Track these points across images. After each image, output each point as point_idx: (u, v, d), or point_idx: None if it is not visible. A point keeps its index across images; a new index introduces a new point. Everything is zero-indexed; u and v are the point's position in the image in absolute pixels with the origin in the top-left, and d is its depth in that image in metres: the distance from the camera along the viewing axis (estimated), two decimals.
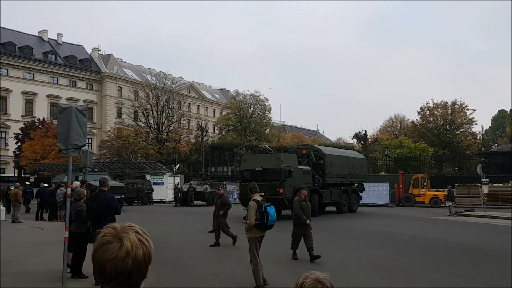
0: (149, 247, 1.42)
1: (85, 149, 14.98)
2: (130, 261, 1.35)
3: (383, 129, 67.23)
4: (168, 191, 37.73)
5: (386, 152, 46.69)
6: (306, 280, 1.77)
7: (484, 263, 10.47)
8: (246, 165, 22.07)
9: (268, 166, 20.88)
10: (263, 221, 7.39)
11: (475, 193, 30.91)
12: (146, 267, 1.41)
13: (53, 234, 13.96)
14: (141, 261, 1.38)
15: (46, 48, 64.31)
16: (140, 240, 1.40)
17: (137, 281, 1.39)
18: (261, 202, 7.56)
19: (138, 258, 1.37)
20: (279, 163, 20.57)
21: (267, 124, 69.87)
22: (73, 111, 7.69)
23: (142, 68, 73.83)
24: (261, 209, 7.44)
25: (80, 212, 8.31)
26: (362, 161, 29.20)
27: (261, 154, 22.97)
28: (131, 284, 1.38)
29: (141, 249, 1.38)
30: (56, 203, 19.44)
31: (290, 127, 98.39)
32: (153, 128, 55.06)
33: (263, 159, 21.84)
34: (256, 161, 22.00)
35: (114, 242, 1.37)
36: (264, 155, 22.57)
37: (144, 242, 1.41)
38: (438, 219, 22.00)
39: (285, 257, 10.60)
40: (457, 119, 54.54)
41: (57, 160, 40.21)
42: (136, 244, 1.37)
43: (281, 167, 20.32)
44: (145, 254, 1.39)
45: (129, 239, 1.37)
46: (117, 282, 1.36)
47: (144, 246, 1.40)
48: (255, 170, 21.08)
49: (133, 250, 1.36)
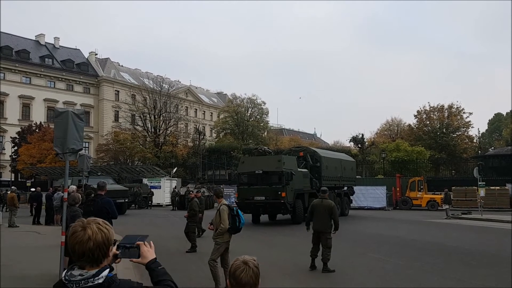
0: (108, 234, 1.98)
1: (82, 153, 14.95)
2: (92, 243, 1.91)
3: (380, 132, 67.33)
4: (166, 195, 37.70)
5: (383, 155, 46.76)
6: (235, 262, 2.19)
7: (481, 266, 10.49)
8: (244, 168, 20.91)
9: (269, 168, 19.77)
10: (235, 224, 7.55)
11: (472, 196, 31.01)
12: (106, 248, 1.97)
13: (49, 238, 13.92)
14: (100, 243, 1.94)
15: (43, 52, 64.29)
16: (99, 228, 1.96)
17: (99, 257, 1.94)
18: (231, 206, 7.75)
19: (97, 241, 1.93)
20: (281, 166, 19.54)
21: (265, 127, 69.89)
22: (70, 115, 7.68)
23: (140, 72, 73.83)
24: (233, 212, 7.60)
25: (74, 217, 8.29)
26: (352, 163, 28.88)
27: (260, 156, 21.66)
28: (94, 260, 1.93)
29: (100, 234, 1.94)
30: (53, 207, 19.40)
31: (288, 130, 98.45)
32: (150, 131, 55.04)
33: (262, 162, 20.53)
34: (255, 163, 20.63)
35: (80, 230, 1.94)
36: (264, 157, 21.27)
37: (103, 230, 1.97)
38: (435, 222, 22.04)
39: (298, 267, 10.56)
40: (454, 122, 54.72)
41: (54, 164, 40.09)
42: (95, 231, 1.94)
43: (283, 170, 19.37)
44: (103, 238, 1.95)
45: (90, 228, 1.94)
46: (84, 259, 1.93)
47: (103, 233, 1.95)
48: (255, 173, 19.97)
49: (93, 235, 1.92)
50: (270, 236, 16.31)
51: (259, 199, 19.78)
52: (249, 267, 2.15)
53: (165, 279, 2.18)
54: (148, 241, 2.27)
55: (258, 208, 20.40)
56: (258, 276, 2.17)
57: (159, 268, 2.21)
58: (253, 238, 15.13)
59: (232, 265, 2.19)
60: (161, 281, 2.16)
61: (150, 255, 2.22)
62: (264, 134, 69.67)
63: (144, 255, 2.20)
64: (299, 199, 20.18)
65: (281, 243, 14.52)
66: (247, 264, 2.16)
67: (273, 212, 21.38)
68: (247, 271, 2.14)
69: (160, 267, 2.22)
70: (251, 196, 19.97)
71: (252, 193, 19.95)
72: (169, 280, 2.18)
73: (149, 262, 2.20)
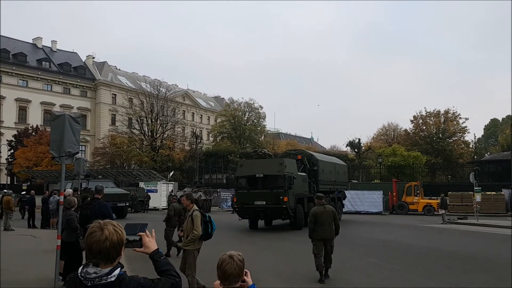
0: (122, 235, 2.16)
1: (78, 157, 14.92)
2: (108, 243, 2.08)
3: (377, 137, 67.50)
4: (162, 199, 37.54)
5: (380, 160, 46.87)
6: (222, 256, 2.55)
7: (478, 271, 10.50)
8: (243, 171, 19.99)
9: (270, 172, 18.88)
10: (207, 231, 7.29)
11: (468, 201, 31.05)
12: (120, 248, 2.14)
13: (45, 242, 13.85)
14: (116, 243, 2.11)
15: (40, 55, 64.20)
16: (115, 230, 2.13)
17: (113, 256, 2.11)
18: (203, 212, 7.51)
19: (113, 241, 2.10)
20: (283, 169, 18.66)
21: (262, 131, 69.98)
22: (67, 119, 7.67)
23: (137, 76, 73.82)
24: (206, 218, 7.34)
25: (69, 221, 8.26)
26: (344, 167, 28.61)
27: (260, 159, 20.72)
28: (109, 258, 2.10)
29: (115, 235, 2.11)
30: (49, 210, 19.34)
31: (285, 134, 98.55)
32: (147, 135, 54.95)
33: (263, 165, 19.59)
34: (254, 166, 19.67)
35: (98, 231, 2.11)
36: (264, 161, 20.37)
37: (118, 231, 2.14)
38: (431, 227, 22.06)
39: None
40: (450, 127, 54.92)
41: (50, 168, 39.98)
42: (112, 232, 2.11)
43: (285, 174, 18.55)
44: (118, 239, 2.12)
45: (107, 229, 2.11)
46: (100, 257, 2.09)
47: (118, 234, 2.13)
48: (255, 177, 19.08)
49: (110, 236, 2.09)
50: (272, 242, 16.21)
51: (259, 204, 18.99)
52: (234, 260, 2.54)
53: (169, 269, 2.35)
54: (149, 229, 2.46)
55: (258, 213, 19.70)
56: (242, 269, 2.56)
57: (162, 258, 2.40)
58: (253, 243, 15.07)
59: (219, 259, 2.56)
60: (165, 271, 2.33)
61: (152, 245, 2.42)
62: (261, 138, 69.72)
63: (147, 245, 2.41)
64: (299, 204, 19.62)
65: (283, 249, 14.49)
66: (232, 258, 2.55)
67: (274, 217, 20.68)
68: (231, 264, 2.52)
69: (163, 257, 2.41)
70: (250, 200, 19.17)
71: (252, 197, 19.13)
72: (171, 270, 2.35)
73: (152, 253, 2.40)
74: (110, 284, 2.08)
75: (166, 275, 2.31)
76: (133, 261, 9.54)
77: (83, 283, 2.09)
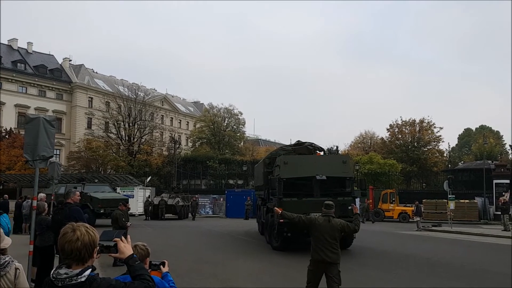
0: (94, 237, 2.29)
1: (53, 160, 14.63)
2: (80, 243, 2.21)
3: (354, 145, 68.27)
4: (139, 204, 37.07)
5: (357, 167, 47.44)
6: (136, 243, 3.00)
7: (453, 277, 10.69)
8: (291, 171, 14.52)
9: (332, 173, 14.31)
10: None
11: (442, 208, 31.66)
12: (92, 249, 2.26)
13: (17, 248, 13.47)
14: (87, 243, 2.23)
15: (15, 57, 62.79)
16: (87, 231, 2.27)
17: (85, 257, 2.23)
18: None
19: (85, 241, 2.22)
20: (349, 169, 14.71)
21: (241, 137, 69.93)
22: (41, 122, 7.51)
23: (114, 79, 72.85)
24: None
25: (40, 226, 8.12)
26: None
27: (312, 156, 15.86)
28: (80, 259, 2.21)
29: (87, 236, 2.25)
30: (23, 215, 18.96)
31: (264, 141, 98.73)
32: (124, 140, 54.20)
33: (319, 163, 14.84)
34: (308, 165, 14.69)
35: (70, 232, 2.25)
36: (321, 157, 15.78)
37: (90, 233, 2.28)
38: (406, 234, 22.40)
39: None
40: (425, 136, 55.97)
41: (23, 171, 38.99)
42: (84, 233, 2.25)
43: (352, 176, 14.84)
44: (90, 240, 2.25)
45: (79, 230, 2.26)
46: (72, 257, 2.20)
47: (89, 235, 2.26)
48: (315, 179, 14.01)
49: (81, 236, 2.23)
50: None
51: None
52: (139, 249, 3.55)
53: (142, 273, 2.42)
54: (124, 235, 2.56)
55: None
56: (148, 254, 3.58)
57: (137, 263, 2.47)
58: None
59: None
60: (139, 276, 2.40)
61: (127, 250, 2.50)
62: (240, 144, 69.69)
63: (122, 250, 2.48)
64: None
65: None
66: (138, 247, 3.57)
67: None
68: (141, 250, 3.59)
69: (137, 262, 2.50)
70: (305, 212, 11.16)
71: (307, 208, 12.86)
72: (145, 274, 2.43)
73: (127, 258, 2.47)
74: (80, 284, 2.14)
75: (140, 279, 2.37)
76: (106, 268, 9.40)
77: (54, 284, 2.14)
